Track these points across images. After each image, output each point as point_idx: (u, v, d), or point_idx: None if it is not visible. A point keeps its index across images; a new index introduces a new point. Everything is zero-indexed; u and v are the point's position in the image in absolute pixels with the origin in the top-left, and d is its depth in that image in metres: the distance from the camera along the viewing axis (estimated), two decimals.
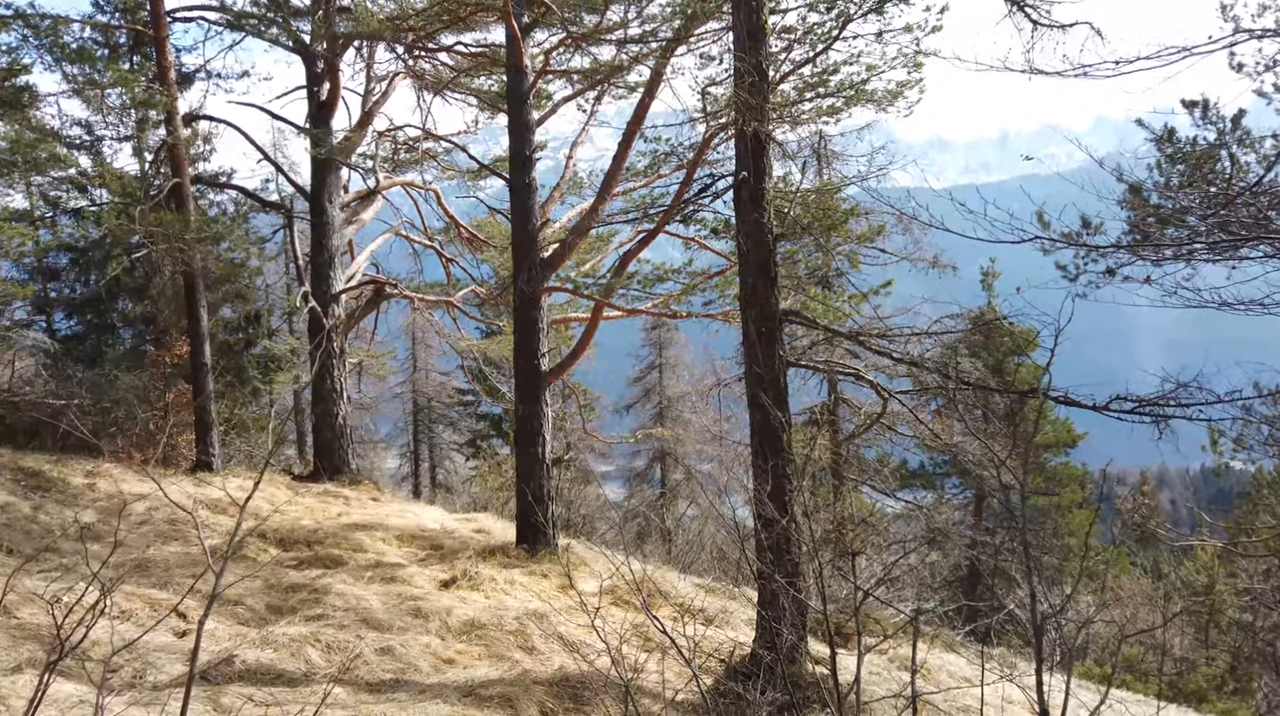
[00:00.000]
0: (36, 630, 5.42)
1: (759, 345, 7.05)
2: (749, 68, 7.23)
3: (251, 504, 12.24)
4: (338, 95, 16.43)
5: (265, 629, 6.44)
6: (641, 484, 38.20)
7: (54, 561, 7.28)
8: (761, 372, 7.01)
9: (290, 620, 6.88)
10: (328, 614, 7.18)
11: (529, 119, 11.13)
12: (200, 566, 8.54)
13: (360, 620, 7.13)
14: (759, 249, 7.15)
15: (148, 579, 7.48)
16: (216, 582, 3.40)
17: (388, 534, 11.72)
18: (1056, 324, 4.50)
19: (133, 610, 6.31)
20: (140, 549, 9.05)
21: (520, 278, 11.04)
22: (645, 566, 11.86)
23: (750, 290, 7.19)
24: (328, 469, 15.72)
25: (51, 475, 11.33)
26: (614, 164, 11.23)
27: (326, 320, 15.94)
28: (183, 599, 6.61)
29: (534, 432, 11.03)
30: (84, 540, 8.76)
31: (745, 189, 7.23)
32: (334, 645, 6.29)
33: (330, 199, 16.39)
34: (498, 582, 9.54)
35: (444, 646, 6.96)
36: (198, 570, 8.32)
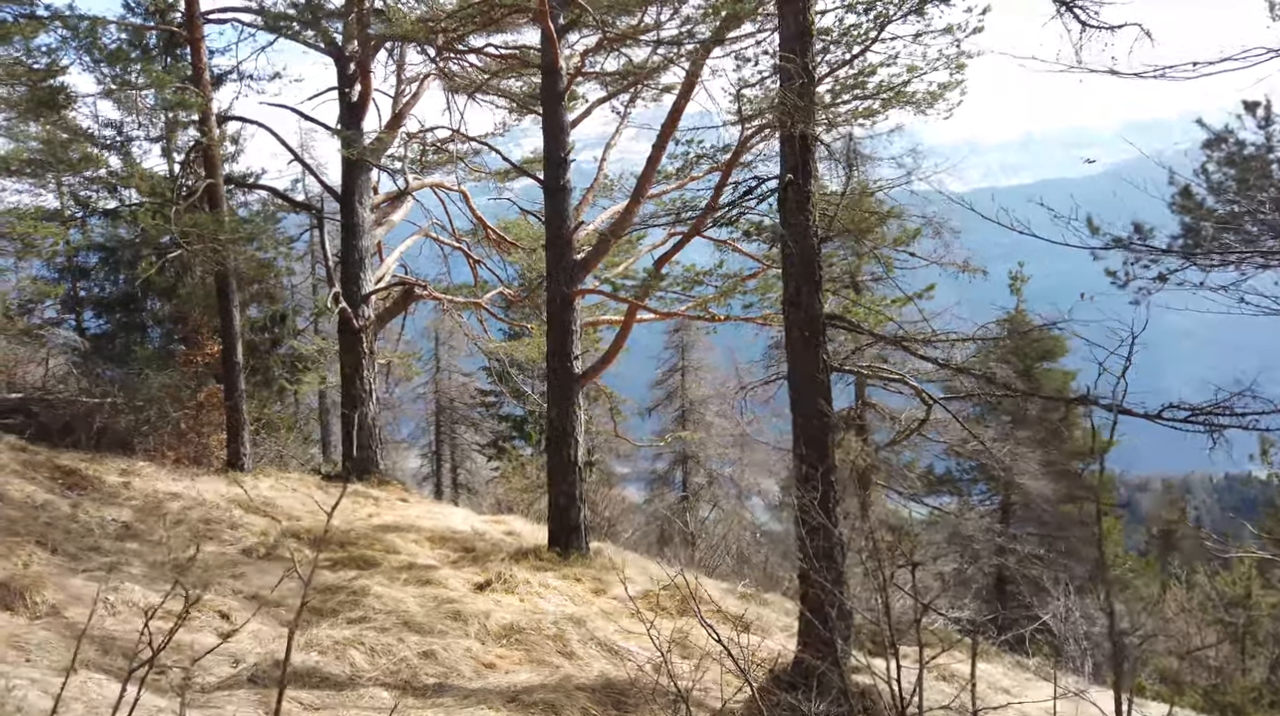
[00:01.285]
0: (88, 630, 5.42)
1: (802, 349, 6.98)
2: (796, 69, 7.16)
3: (284, 504, 12.27)
4: (369, 96, 16.48)
5: (309, 631, 6.42)
6: (663, 487, 38.13)
7: (97, 560, 7.30)
8: (805, 377, 6.93)
9: (332, 622, 6.87)
10: (369, 616, 7.16)
11: (563, 120, 11.10)
12: (239, 566, 8.57)
13: (401, 623, 7.11)
14: (804, 252, 7.07)
15: (189, 578, 7.48)
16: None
17: (419, 535, 11.71)
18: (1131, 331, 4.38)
19: (176, 610, 6.29)
20: (178, 549, 9.07)
21: (555, 280, 11.01)
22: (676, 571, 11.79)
23: (794, 294, 7.12)
24: (356, 469, 15.75)
25: (87, 473, 11.40)
26: (648, 166, 11.19)
27: (356, 321, 15.98)
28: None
29: (566, 435, 10.99)
30: (123, 539, 8.81)
31: (791, 191, 7.16)
32: (377, 648, 6.27)
33: (361, 200, 16.44)
34: (532, 586, 9.50)
35: (484, 650, 6.93)
36: (237, 570, 8.35)
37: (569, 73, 11.34)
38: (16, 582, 5.77)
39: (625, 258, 15.24)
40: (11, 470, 10.24)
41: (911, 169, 7.95)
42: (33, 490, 9.59)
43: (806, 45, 7.44)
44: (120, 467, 12.61)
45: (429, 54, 16.81)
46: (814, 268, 7.07)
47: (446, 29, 14.63)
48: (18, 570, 6.26)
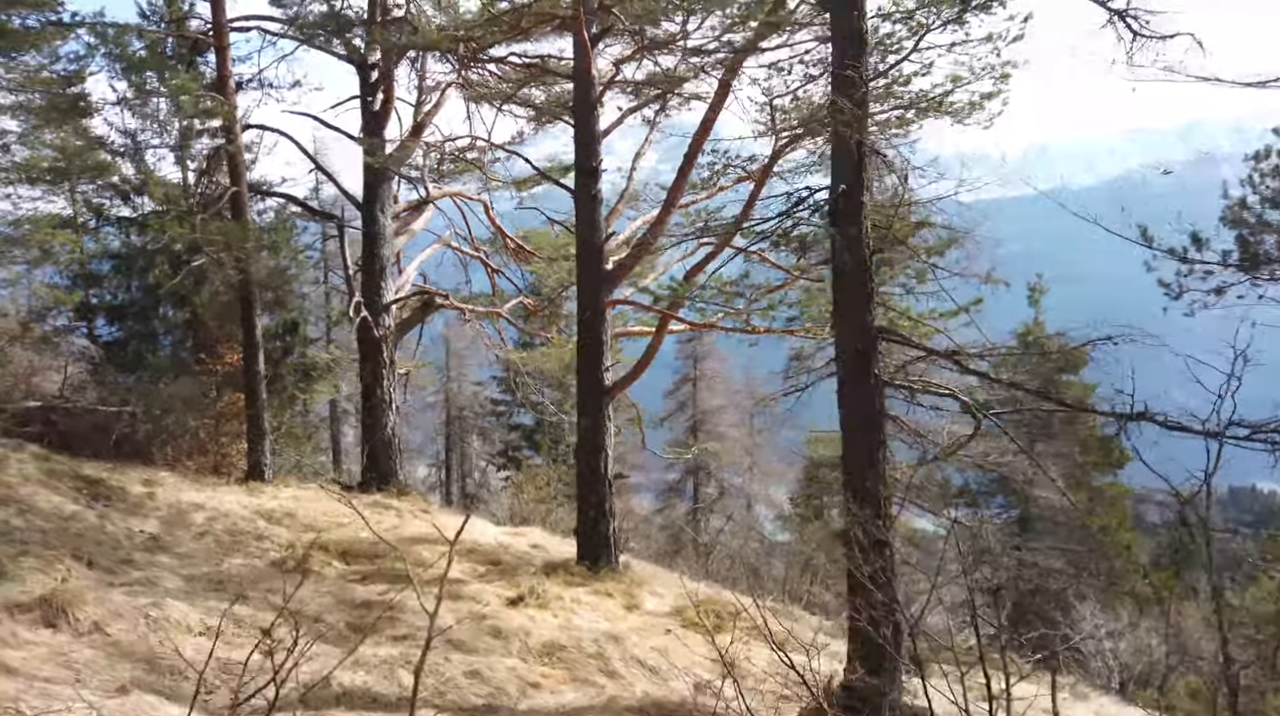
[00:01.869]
0: (131, 647, 5.29)
1: (854, 363, 6.85)
2: (849, 77, 7.05)
3: (305, 514, 12.15)
4: (391, 105, 16.42)
5: (355, 650, 6.28)
6: (674, 497, 37.94)
7: (131, 574, 7.17)
8: (856, 392, 6.80)
9: (376, 640, 6.73)
10: (412, 634, 7.02)
11: (595, 130, 11.00)
12: (271, 580, 8.44)
13: (444, 640, 6.97)
14: (856, 263, 6.95)
15: (225, 592, 7.35)
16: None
17: (444, 548, 11.54)
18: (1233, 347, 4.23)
19: (216, 626, 6.16)
20: (205, 561, 8.95)
21: (585, 290, 10.89)
22: (703, 585, 11.64)
23: (845, 306, 6.99)
24: (376, 479, 15.62)
25: (111, 484, 11.28)
26: (679, 176, 11.09)
27: (377, 330, 15.87)
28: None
29: (596, 447, 10.86)
30: (152, 551, 8.68)
31: (844, 201, 7.04)
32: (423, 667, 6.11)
33: (383, 209, 16.35)
34: (564, 601, 9.35)
35: (527, 669, 6.79)
36: (271, 584, 8.21)
37: (601, 82, 11.24)
38: (58, 598, 5.64)
39: (648, 269, 15.13)
40: (37, 480, 10.13)
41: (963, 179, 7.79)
42: (59, 501, 9.47)
43: (861, 53, 7.33)
44: (142, 478, 12.50)
45: (451, 63, 16.76)
46: (866, 279, 6.95)
47: (474, 37, 14.58)
48: (57, 585, 6.12)
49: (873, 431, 6.82)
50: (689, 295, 11.40)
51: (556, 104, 14.58)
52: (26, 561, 6.26)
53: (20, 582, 5.97)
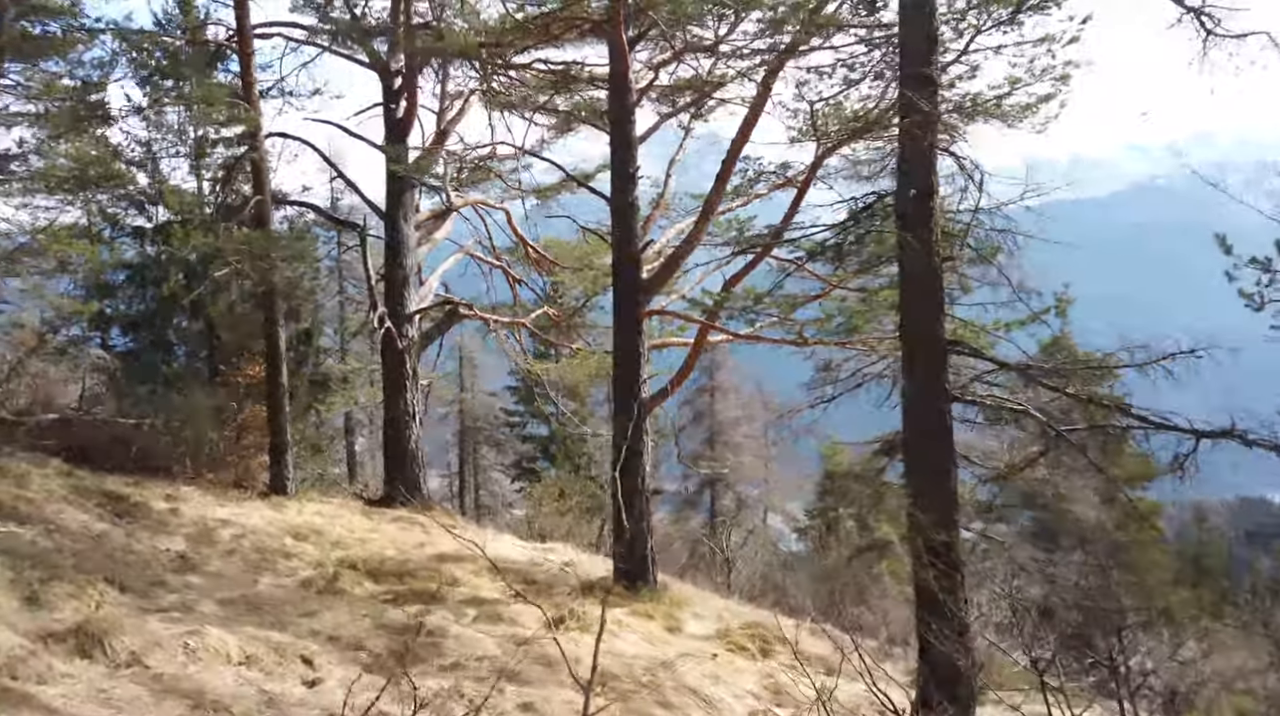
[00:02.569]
0: (173, 682, 4.98)
1: (922, 378, 6.52)
2: (925, 75, 6.74)
3: (331, 531, 11.84)
4: (414, 113, 16.18)
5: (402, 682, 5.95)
6: (689, 509, 37.54)
7: (165, 598, 6.86)
8: (924, 408, 6.47)
9: (423, 668, 6.40)
10: (461, 662, 6.70)
11: (632, 136, 10.72)
12: (305, 602, 8.12)
13: (493, 669, 6.63)
14: (926, 272, 6.64)
15: (260, 617, 7.04)
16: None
17: (476, 567, 11.23)
18: None
19: (257, 655, 5.85)
20: (236, 581, 8.64)
21: (622, 300, 10.59)
22: (745, 607, 11.28)
23: (913, 316, 6.67)
24: (400, 493, 15.30)
25: (135, 500, 11.00)
26: (717, 183, 10.79)
27: (400, 341, 15.59)
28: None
29: (633, 462, 10.53)
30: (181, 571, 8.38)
31: (912, 206, 6.73)
32: (476, 699, 5.79)
33: (406, 217, 16.10)
34: (606, 622, 8.99)
35: (581, 700, 6.44)
36: (306, 606, 7.90)
37: (639, 87, 10.96)
38: (94, 626, 5.34)
39: (679, 279, 14.83)
40: (61, 496, 9.84)
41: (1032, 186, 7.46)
42: (85, 518, 9.19)
43: (933, 52, 7.02)
44: (165, 492, 12.21)
45: (475, 70, 16.52)
46: (937, 289, 6.64)
47: (500, 44, 14.33)
48: (91, 611, 5.83)
49: (943, 448, 6.49)
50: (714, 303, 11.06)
51: (589, 110, 14.30)
52: (58, 586, 5.96)
53: (53, 609, 5.67)
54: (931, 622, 6.35)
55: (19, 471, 10.12)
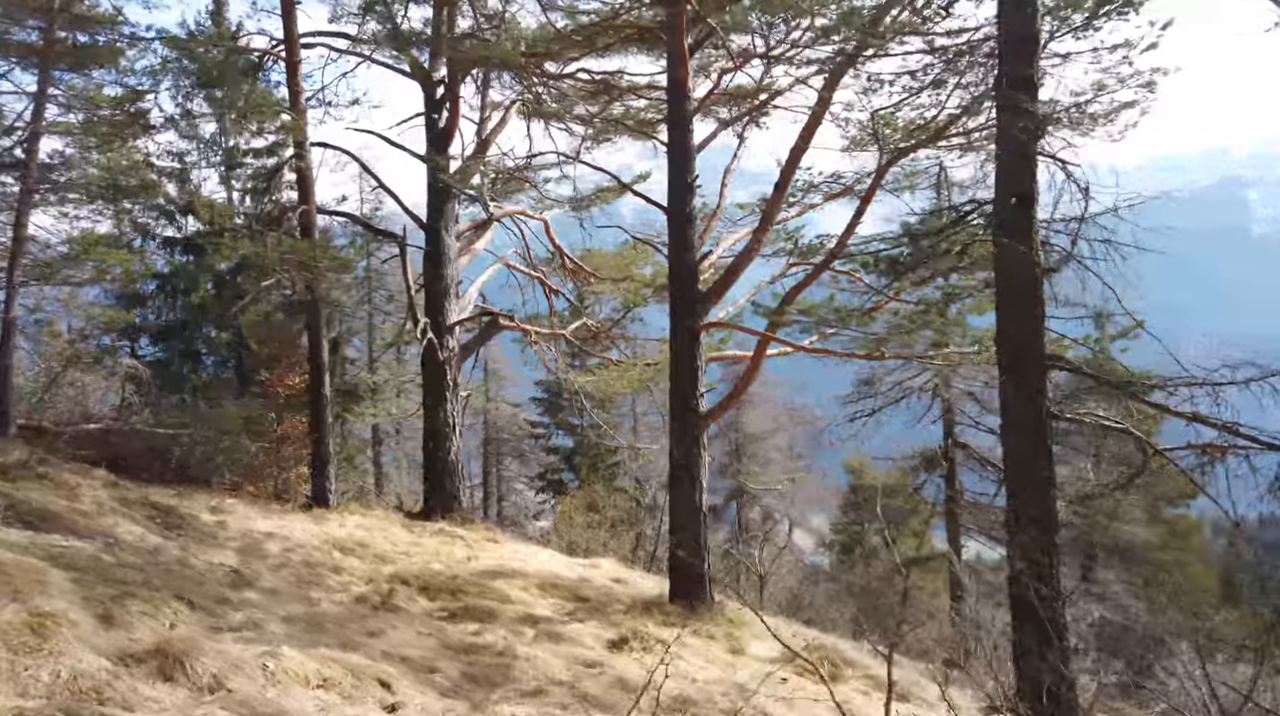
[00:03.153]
0: (258, 706, 4.78)
1: (1020, 394, 6.27)
2: (1023, 78, 6.51)
3: (375, 544, 11.66)
4: (456, 122, 16.07)
5: (487, 709, 5.74)
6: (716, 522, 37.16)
7: (232, 616, 6.66)
8: (1023, 426, 6.22)
9: (503, 694, 6.18)
10: (544, 689, 6.46)
11: (690, 144, 10.53)
12: (367, 620, 7.92)
13: (574, 694, 6.41)
14: (1025, 283, 6.39)
15: (328, 636, 6.83)
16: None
17: (525, 582, 11.03)
18: None
19: (334, 677, 5.65)
20: (293, 597, 8.45)
21: (679, 313, 10.38)
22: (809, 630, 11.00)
23: (1012, 331, 6.43)
24: (439, 506, 15.12)
25: (181, 511, 10.85)
26: (776, 191, 10.58)
27: (442, 352, 15.42)
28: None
29: (691, 478, 10.30)
30: (237, 587, 8.20)
31: (1012, 214, 6.49)
32: None
33: (447, 228, 15.96)
34: (669, 645, 8.75)
35: None
36: (368, 625, 7.69)
37: (698, 95, 10.78)
38: (173, 648, 5.14)
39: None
40: (111, 508, 9.70)
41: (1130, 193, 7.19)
42: (139, 531, 9.03)
43: (1034, 54, 6.78)
44: (209, 504, 12.08)
45: (518, 80, 16.41)
46: (1037, 301, 6.39)
47: (545, 53, 14.22)
48: (165, 631, 5.64)
49: (1043, 471, 6.22)
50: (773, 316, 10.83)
51: (634, 119, 14.14)
52: (132, 605, 5.77)
53: (129, 629, 5.48)
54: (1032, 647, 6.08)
55: (69, 482, 10.00)
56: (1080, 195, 6.92)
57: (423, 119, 16.36)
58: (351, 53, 16.11)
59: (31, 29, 13.56)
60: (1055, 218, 6.86)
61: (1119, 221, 6.79)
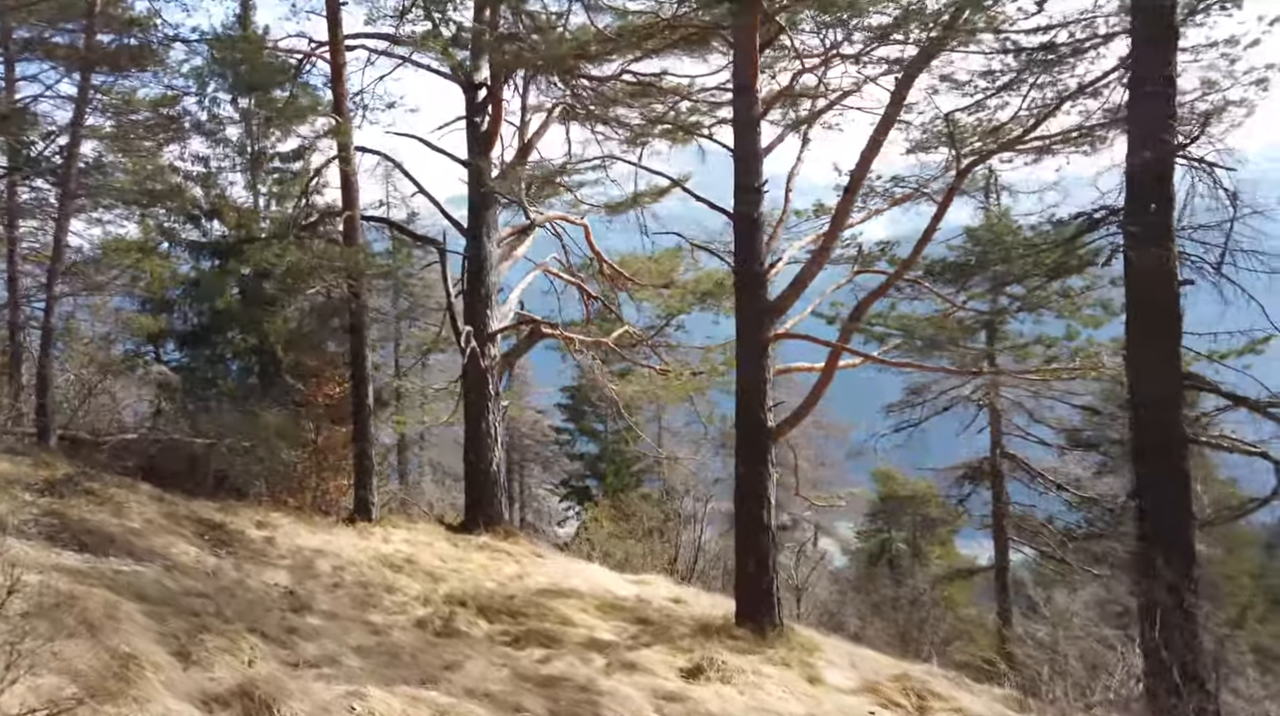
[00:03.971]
0: None
1: (1155, 416, 5.85)
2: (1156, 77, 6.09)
3: (423, 560, 11.26)
4: (499, 126, 15.72)
5: None
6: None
7: (304, 648, 6.28)
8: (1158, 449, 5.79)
9: None
10: None
11: (758, 148, 10.12)
12: (438, 649, 7.53)
13: None
14: (1158, 298, 5.97)
15: (404, 670, 6.45)
16: None
17: (583, 602, 10.63)
18: None
19: None
20: (356, 622, 8.08)
21: (746, 323, 9.98)
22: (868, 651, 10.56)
23: (1144, 347, 6.00)
24: (482, 518, 14.73)
25: (229, 527, 10.51)
26: (846, 195, 10.16)
27: (484, 361, 15.06)
28: None
29: (759, 496, 9.88)
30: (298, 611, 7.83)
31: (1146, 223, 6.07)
32: None
33: (489, 234, 15.60)
34: (745, 674, 8.35)
35: None
36: (442, 655, 7.30)
37: (765, 96, 10.39)
38: (258, 690, 4.77)
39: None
40: (160, 525, 9.37)
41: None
42: (194, 551, 8.70)
43: (1172, 50, 6.35)
44: (255, 519, 11.75)
45: (561, 82, 16.06)
46: (1174, 317, 5.97)
47: (594, 54, 13.87)
48: (245, 669, 5.26)
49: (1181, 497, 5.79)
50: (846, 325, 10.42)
51: (684, 123, 13.75)
52: (208, 640, 5.40)
53: (207, 667, 5.11)
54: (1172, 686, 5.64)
55: (116, 498, 9.66)
56: (1227, 201, 6.47)
57: (463, 123, 16.03)
58: (391, 55, 15.81)
59: (72, 32, 13.32)
60: (1191, 224, 6.41)
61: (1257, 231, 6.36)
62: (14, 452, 10.60)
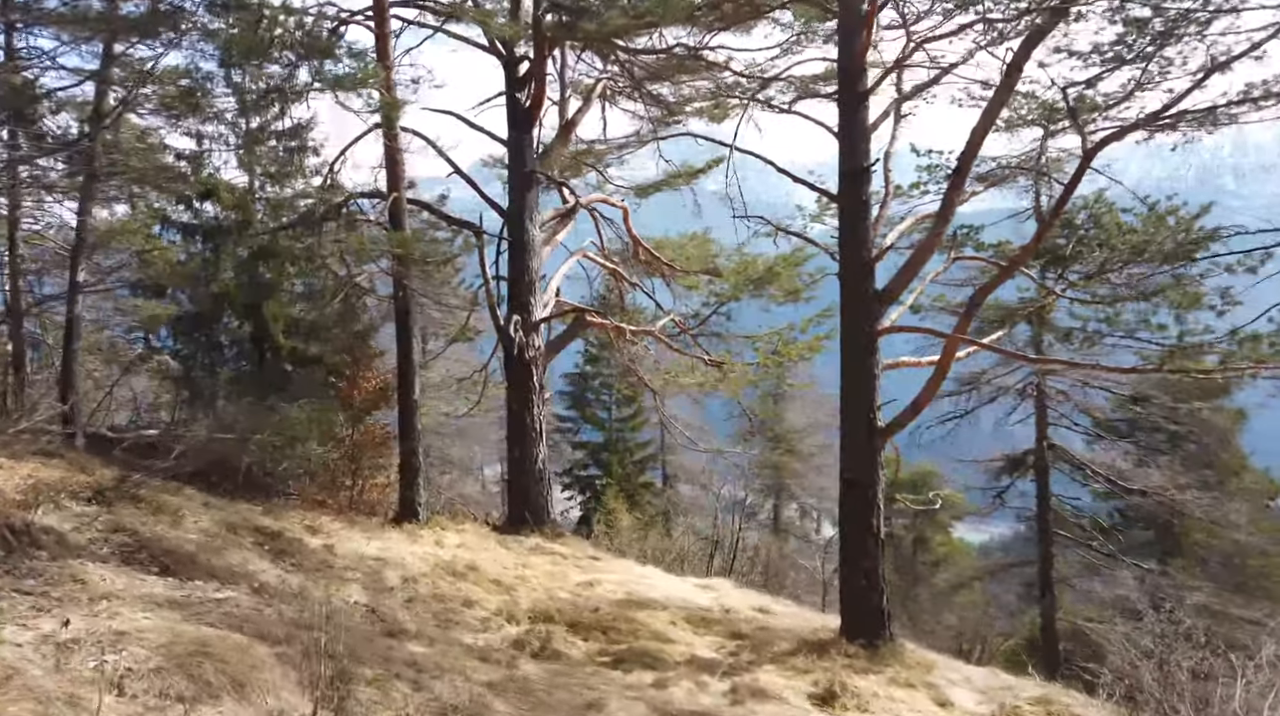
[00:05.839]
0: None
1: None
2: None
3: (484, 566, 10.44)
4: (541, 103, 14.81)
5: None
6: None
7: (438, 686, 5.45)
8: None
9: None
10: None
11: (865, 124, 9.36)
12: (564, 678, 6.75)
13: None
14: None
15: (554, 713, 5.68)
16: None
17: (669, 615, 9.89)
18: None
19: None
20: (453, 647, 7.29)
21: (852, 315, 9.24)
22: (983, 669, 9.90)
23: None
24: (530, 518, 13.93)
25: (285, 535, 9.66)
26: (955, 177, 9.42)
27: (529, 351, 14.23)
28: None
29: (867, 502, 9.16)
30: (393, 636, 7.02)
31: None
32: None
33: (531, 217, 14.72)
34: (880, 698, 7.66)
35: None
36: (570, 685, 6.52)
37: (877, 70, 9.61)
38: None
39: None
40: (221, 536, 8.51)
41: None
42: (267, 567, 7.88)
43: None
44: (304, 523, 10.91)
45: (606, 57, 15.19)
46: None
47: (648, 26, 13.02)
48: None
49: None
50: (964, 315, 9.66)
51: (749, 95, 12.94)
52: (357, 690, 4.59)
53: None
54: None
55: (168, 505, 8.78)
56: None
57: (503, 99, 15.12)
58: (425, 25, 14.87)
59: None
60: None
61: None
62: (46, 455, 9.66)
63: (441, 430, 29.72)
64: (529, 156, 14.67)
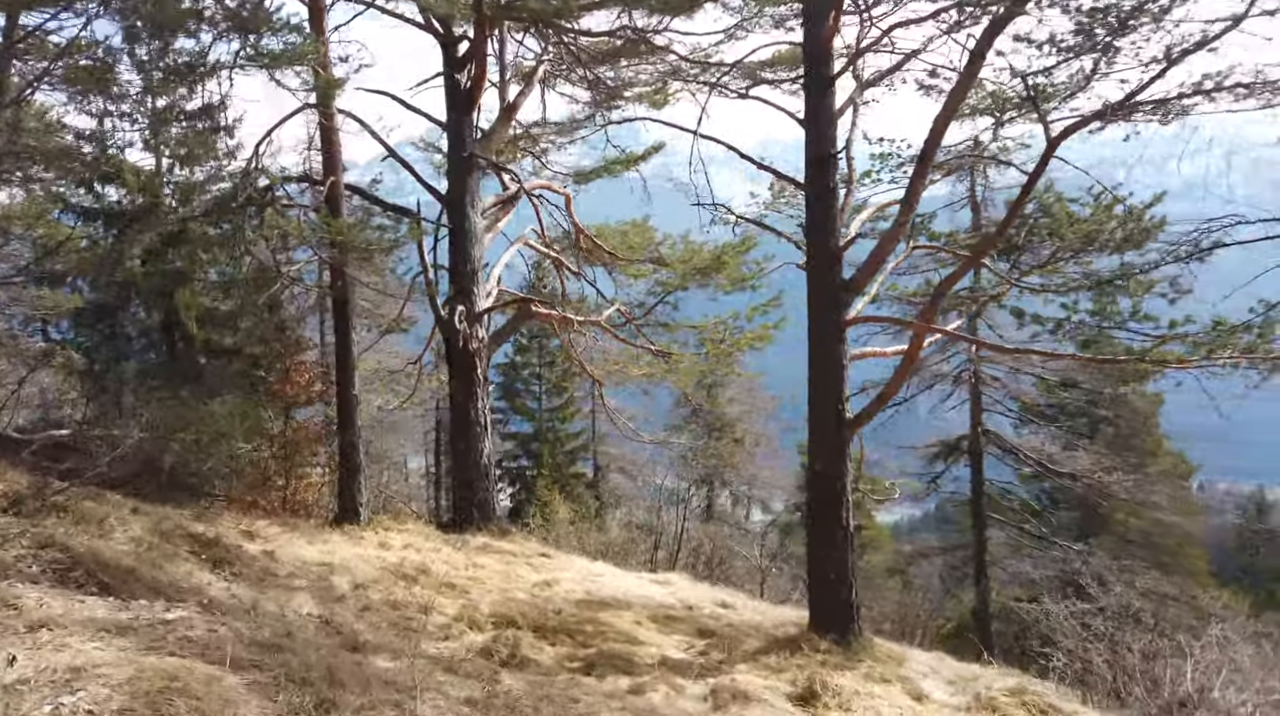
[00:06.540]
0: None
1: None
2: None
3: (434, 568, 10.00)
4: (482, 85, 14.25)
5: None
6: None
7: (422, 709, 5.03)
8: None
9: None
10: None
11: (831, 110, 9.17)
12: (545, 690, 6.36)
13: None
14: None
15: None
16: None
17: (633, 614, 9.61)
18: None
19: None
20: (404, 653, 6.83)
21: (819, 305, 9.06)
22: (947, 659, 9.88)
23: None
24: (476, 515, 13.45)
25: (222, 542, 9.00)
26: (920, 164, 9.29)
27: (472, 343, 13.70)
28: None
29: (835, 495, 9.02)
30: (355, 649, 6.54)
31: None
32: None
33: (473, 203, 14.17)
34: (860, 695, 7.51)
35: None
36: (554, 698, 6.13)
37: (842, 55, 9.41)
38: None
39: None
40: (157, 547, 7.86)
41: None
42: (210, 579, 7.29)
43: None
44: (239, 528, 10.25)
45: (551, 36, 14.70)
46: None
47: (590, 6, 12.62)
48: None
49: None
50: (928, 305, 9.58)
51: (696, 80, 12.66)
52: None
53: None
54: None
55: (94, 514, 8.06)
56: None
57: (440, 81, 14.50)
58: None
59: None
60: None
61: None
62: None
63: (373, 425, 28.84)
64: (469, 140, 14.10)
